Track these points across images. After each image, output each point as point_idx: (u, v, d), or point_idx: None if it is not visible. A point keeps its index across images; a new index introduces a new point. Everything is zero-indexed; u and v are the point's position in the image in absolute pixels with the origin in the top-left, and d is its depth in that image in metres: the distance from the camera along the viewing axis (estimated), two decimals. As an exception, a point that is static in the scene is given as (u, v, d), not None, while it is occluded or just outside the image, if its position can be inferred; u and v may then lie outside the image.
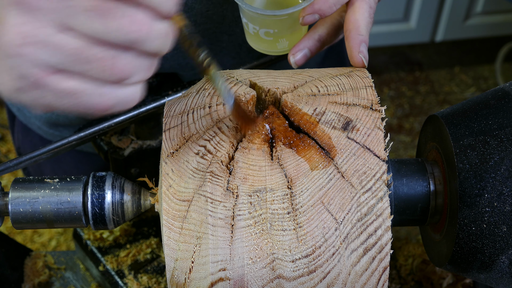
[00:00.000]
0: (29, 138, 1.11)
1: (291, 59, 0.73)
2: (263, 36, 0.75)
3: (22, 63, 0.45)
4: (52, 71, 0.46)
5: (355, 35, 0.70)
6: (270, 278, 0.58)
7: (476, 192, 0.59)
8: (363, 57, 0.70)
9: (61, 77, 0.47)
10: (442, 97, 2.69)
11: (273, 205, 0.57)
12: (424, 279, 0.93)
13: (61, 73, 0.47)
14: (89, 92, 0.48)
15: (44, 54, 0.45)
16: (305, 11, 0.71)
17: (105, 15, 0.44)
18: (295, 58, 0.73)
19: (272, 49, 0.78)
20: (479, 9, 2.58)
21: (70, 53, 0.46)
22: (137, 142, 0.89)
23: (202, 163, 0.59)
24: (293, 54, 0.73)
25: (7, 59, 0.45)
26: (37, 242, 2.07)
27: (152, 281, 0.89)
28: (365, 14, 0.71)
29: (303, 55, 0.73)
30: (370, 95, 0.63)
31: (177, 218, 0.58)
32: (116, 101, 0.49)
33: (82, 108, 0.49)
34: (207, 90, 0.65)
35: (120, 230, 0.94)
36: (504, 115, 0.61)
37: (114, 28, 0.45)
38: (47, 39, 0.45)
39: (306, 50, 0.73)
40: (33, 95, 0.47)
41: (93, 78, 0.47)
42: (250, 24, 0.75)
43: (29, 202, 0.61)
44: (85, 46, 0.46)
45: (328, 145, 0.59)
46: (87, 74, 0.47)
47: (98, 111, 0.49)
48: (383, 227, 0.58)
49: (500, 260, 0.60)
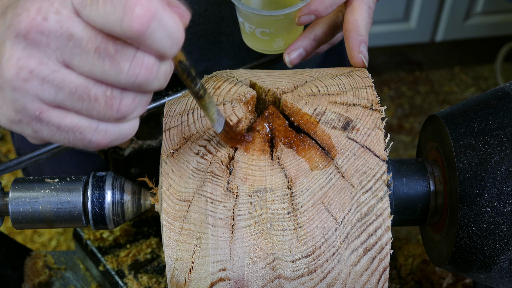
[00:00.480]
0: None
1: (286, 58, 0.74)
2: (259, 35, 0.76)
3: (23, 97, 0.45)
4: (52, 106, 0.46)
5: (355, 35, 0.70)
6: (270, 278, 0.58)
7: (476, 192, 0.59)
8: (364, 57, 0.70)
9: (61, 113, 0.47)
10: (442, 97, 2.69)
11: (273, 205, 0.57)
12: (424, 279, 0.93)
13: (61, 109, 0.47)
14: (88, 129, 0.48)
15: (46, 90, 0.45)
16: (301, 11, 0.71)
17: (113, 58, 0.44)
18: (290, 57, 0.73)
19: (268, 48, 0.78)
20: (479, 9, 2.58)
21: (72, 91, 0.45)
22: (137, 142, 0.89)
23: (202, 163, 0.59)
24: (288, 53, 0.73)
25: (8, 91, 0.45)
26: (37, 242, 2.07)
27: (152, 281, 0.89)
28: (364, 14, 0.71)
29: (298, 55, 0.73)
30: (370, 95, 0.63)
31: (177, 218, 0.58)
32: (115, 137, 0.49)
33: (80, 144, 0.49)
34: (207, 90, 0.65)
35: (120, 230, 0.94)
36: (504, 115, 0.61)
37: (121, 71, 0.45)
38: (49, 76, 0.45)
39: (301, 49, 0.74)
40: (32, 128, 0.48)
41: (93, 116, 0.47)
42: (246, 23, 0.75)
43: (29, 202, 0.61)
44: (88, 85, 0.46)
45: (328, 145, 0.59)
46: (87, 112, 0.47)
47: (96, 147, 0.49)
48: (383, 227, 0.58)
49: (500, 260, 0.60)
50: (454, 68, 2.82)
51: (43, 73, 0.45)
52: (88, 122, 0.47)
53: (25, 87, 0.45)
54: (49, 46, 0.44)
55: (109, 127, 0.48)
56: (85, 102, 0.46)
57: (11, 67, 0.45)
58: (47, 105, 0.46)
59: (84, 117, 0.47)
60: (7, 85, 0.45)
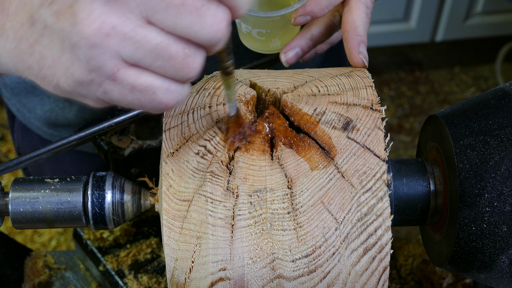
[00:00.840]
0: (29, 138, 1.11)
1: (283, 57, 0.74)
2: (256, 36, 0.76)
3: (102, 54, 0.44)
4: (129, 65, 0.45)
5: (353, 36, 0.70)
6: (270, 278, 0.58)
7: (476, 192, 0.59)
8: (363, 58, 0.70)
9: (136, 72, 0.46)
10: (442, 97, 2.69)
11: (273, 205, 0.57)
12: (424, 279, 0.93)
13: (137, 68, 0.46)
14: (161, 88, 0.47)
15: (126, 47, 0.44)
16: (297, 12, 0.71)
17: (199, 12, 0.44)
18: (286, 56, 0.73)
19: (265, 48, 0.78)
20: (479, 9, 2.58)
21: (151, 48, 0.45)
22: (137, 142, 0.89)
23: (202, 163, 0.59)
24: (284, 52, 0.73)
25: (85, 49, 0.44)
26: (37, 242, 2.07)
27: (152, 281, 0.89)
28: (362, 14, 0.71)
29: (295, 54, 0.74)
30: (370, 95, 0.63)
31: (177, 218, 0.58)
32: (180, 99, 0.48)
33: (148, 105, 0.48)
34: (207, 90, 0.65)
35: (120, 230, 0.94)
36: (504, 115, 0.61)
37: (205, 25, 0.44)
38: (131, 32, 0.44)
39: (297, 49, 0.74)
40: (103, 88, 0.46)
41: (168, 74, 0.46)
42: (243, 23, 0.75)
43: (29, 202, 0.61)
44: (169, 41, 0.45)
45: (328, 145, 0.59)
46: (162, 71, 0.46)
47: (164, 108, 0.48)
48: (383, 227, 0.58)
49: (500, 260, 0.60)
50: (454, 68, 2.82)
51: (125, 29, 0.44)
52: (161, 81, 0.47)
53: (105, 43, 0.44)
54: (134, 2, 0.43)
55: (178, 88, 0.48)
56: (164, 60, 0.45)
57: (92, 23, 0.43)
58: (124, 63, 0.45)
59: (158, 76, 0.46)
60: (84, 42, 0.44)
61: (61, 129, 1.04)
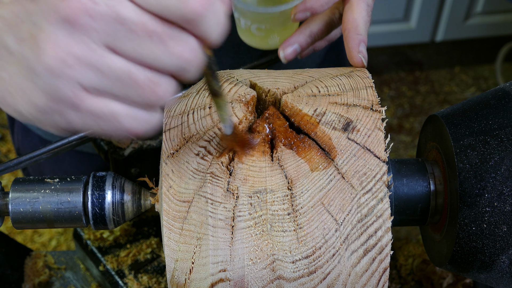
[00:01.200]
0: (29, 138, 1.11)
1: (281, 53, 0.73)
2: (255, 31, 0.76)
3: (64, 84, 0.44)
4: (92, 93, 0.45)
5: (354, 35, 0.69)
6: (270, 279, 0.58)
7: (476, 192, 0.59)
8: (363, 57, 0.69)
9: (99, 100, 0.45)
10: (442, 97, 2.69)
11: (273, 206, 0.57)
12: (424, 279, 0.93)
13: (101, 96, 0.45)
14: (127, 116, 0.46)
15: (88, 76, 0.44)
16: (297, 8, 0.71)
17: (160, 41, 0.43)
18: (285, 52, 0.73)
19: (263, 44, 0.78)
20: (479, 9, 2.58)
21: (114, 77, 0.44)
22: (137, 142, 0.89)
23: (202, 164, 0.59)
24: (283, 48, 0.73)
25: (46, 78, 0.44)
26: (37, 242, 2.07)
27: (153, 281, 0.89)
28: (363, 13, 0.70)
29: (293, 50, 0.73)
30: (370, 95, 0.63)
31: (177, 219, 0.58)
32: (150, 127, 0.48)
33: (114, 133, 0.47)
34: (208, 91, 0.65)
35: (120, 230, 0.94)
36: (504, 115, 0.61)
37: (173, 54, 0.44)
38: (93, 61, 0.43)
39: (296, 45, 0.73)
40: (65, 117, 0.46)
41: (132, 102, 0.46)
42: (242, 19, 0.75)
43: (29, 202, 0.61)
44: (132, 70, 0.44)
45: (328, 146, 0.59)
46: (128, 98, 0.45)
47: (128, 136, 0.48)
48: (383, 228, 0.58)
49: (500, 260, 0.60)
50: (454, 68, 2.82)
51: (87, 58, 0.43)
52: (126, 109, 0.46)
53: (67, 72, 0.43)
54: (97, 31, 0.43)
55: (146, 115, 0.47)
56: (128, 88, 0.45)
57: (55, 53, 0.43)
58: (87, 93, 0.45)
59: (123, 104, 0.46)
60: (46, 72, 0.43)
61: (62, 130, 1.04)
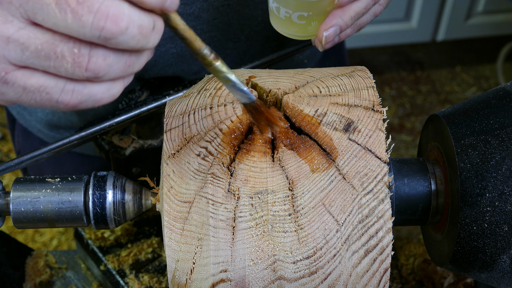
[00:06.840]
0: (30, 141, 1.10)
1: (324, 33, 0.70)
2: (296, 20, 0.74)
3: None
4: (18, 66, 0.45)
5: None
6: (271, 279, 0.58)
7: (478, 192, 0.59)
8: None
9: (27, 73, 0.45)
10: (444, 96, 2.69)
11: (274, 207, 0.57)
12: (425, 279, 0.93)
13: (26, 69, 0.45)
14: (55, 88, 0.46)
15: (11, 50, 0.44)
16: None
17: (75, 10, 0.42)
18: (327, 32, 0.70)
19: (303, 33, 0.76)
20: (481, 9, 2.58)
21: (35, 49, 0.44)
22: (138, 141, 0.89)
23: (203, 164, 0.59)
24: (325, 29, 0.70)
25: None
26: (39, 242, 2.07)
27: (153, 281, 0.89)
28: (362, 4, 0.69)
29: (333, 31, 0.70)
30: (371, 96, 0.63)
31: (178, 219, 0.58)
32: (84, 99, 0.47)
33: (47, 104, 0.47)
34: (208, 91, 0.65)
35: (121, 229, 0.94)
36: (505, 115, 0.61)
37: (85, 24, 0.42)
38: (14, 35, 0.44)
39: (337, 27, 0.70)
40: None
41: (61, 75, 0.46)
42: (282, 8, 0.73)
43: (30, 201, 0.61)
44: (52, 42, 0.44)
45: (329, 147, 0.59)
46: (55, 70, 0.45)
47: (64, 108, 0.48)
48: (384, 229, 0.58)
49: (501, 259, 0.60)
50: (455, 67, 2.82)
51: (7, 32, 0.43)
52: (54, 81, 0.46)
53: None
54: (11, 3, 0.43)
55: (77, 87, 0.46)
56: (52, 60, 0.44)
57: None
58: (13, 66, 0.45)
59: (51, 76, 0.46)
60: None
61: (63, 131, 1.04)
